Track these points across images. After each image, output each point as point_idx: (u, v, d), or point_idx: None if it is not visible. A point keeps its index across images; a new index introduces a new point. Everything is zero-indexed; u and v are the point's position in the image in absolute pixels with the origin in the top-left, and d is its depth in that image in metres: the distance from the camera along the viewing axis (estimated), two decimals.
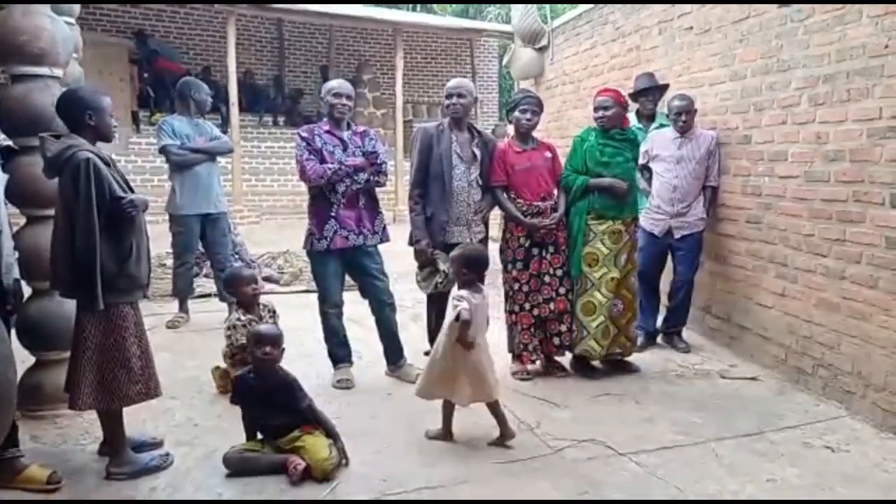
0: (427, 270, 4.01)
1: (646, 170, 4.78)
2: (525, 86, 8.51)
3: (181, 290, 5.45)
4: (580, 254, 4.13)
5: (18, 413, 2.98)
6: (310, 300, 4.52)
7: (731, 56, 4.59)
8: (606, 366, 4.33)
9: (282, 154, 12.60)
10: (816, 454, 3.20)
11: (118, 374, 2.84)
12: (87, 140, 2.83)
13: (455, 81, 4.13)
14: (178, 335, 5.08)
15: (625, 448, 3.21)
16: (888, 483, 2.94)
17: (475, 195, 4.08)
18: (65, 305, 3.18)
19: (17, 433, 2.90)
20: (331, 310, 4.08)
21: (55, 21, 3.45)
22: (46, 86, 3.40)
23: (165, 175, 5.66)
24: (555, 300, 4.15)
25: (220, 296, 5.49)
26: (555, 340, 4.20)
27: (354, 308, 4.44)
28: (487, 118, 16.39)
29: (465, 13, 18.07)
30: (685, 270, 4.68)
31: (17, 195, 3.42)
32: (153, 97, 12.61)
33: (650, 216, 4.69)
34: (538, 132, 4.31)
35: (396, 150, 12.21)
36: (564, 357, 4.32)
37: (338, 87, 4.02)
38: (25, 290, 3.24)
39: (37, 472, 2.81)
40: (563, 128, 7.21)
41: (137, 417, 3.25)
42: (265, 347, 3.00)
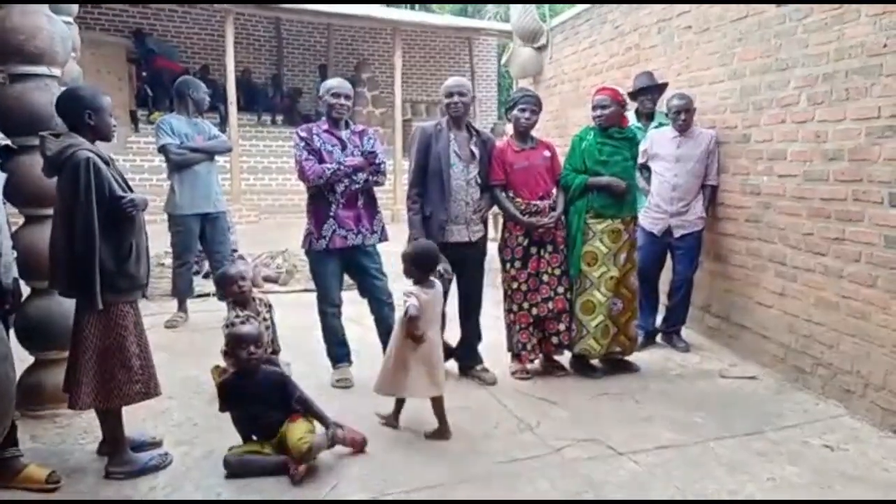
0: None
1: (645, 169, 4.78)
2: (523, 84, 8.51)
3: (180, 290, 5.45)
4: (579, 253, 4.13)
5: (18, 412, 2.98)
6: (309, 300, 4.52)
7: (730, 55, 4.59)
8: (606, 365, 4.33)
9: (280, 153, 12.59)
10: (816, 453, 3.20)
11: (118, 374, 2.84)
12: (87, 139, 2.83)
13: (454, 80, 4.12)
14: (177, 335, 5.08)
15: (624, 447, 3.22)
16: (887, 482, 2.94)
17: (474, 194, 4.07)
18: (64, 305, 3.18)
19: (17, 433, 2.90)
20: (329, 309, 4.08)
21: (53, 20, 3.44)
22: (45, 85, 3.40)
23: (164, 174, 5.66)
24: (553, 299, 4.14)
25: (219, 295, 5.49)
26: (553, 340, 4.20)
27: (353, 307, 4.43)
28: (486, 117, 16.38)
29: (464, 12, 18.07)
30: (684, 269, 4.69)
31: (16, 194, 3.43)
32: (151, 96, 12.61)
33: (649, 215, 4.70)
34: (537, 131, 4.30)
35: (395, 149, 12.20)
36: (564, 356, 4.32)
37: (336, 87, 4.01)
38: (24, 290, 3.24)
39: (36, 472, 2.82)
40: (562, 127, 7.20)
41: (137, 417, 3.25)
42: (249, 348, 3.00)
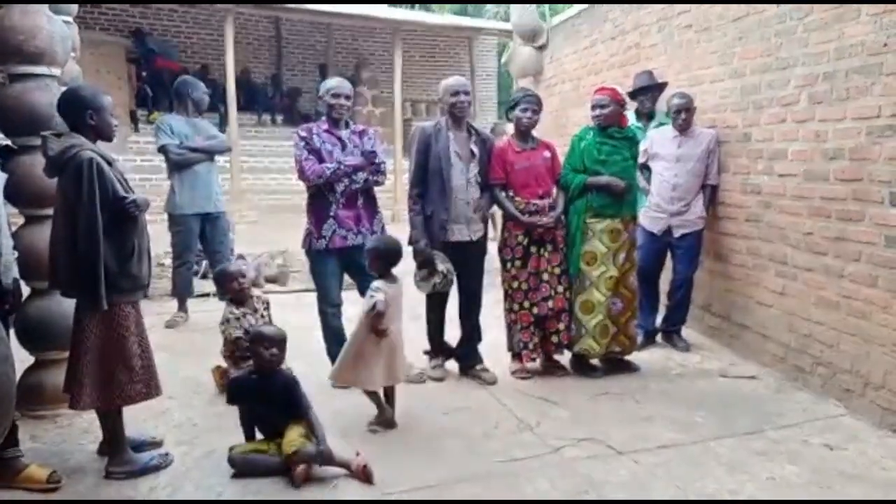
0: (426, 270, 4.01)
1: (645, 168, 4.78)
2: (523, 84, 8.51)
3: (180, 290, 5.45)
4: (579, 252, 4.13)
5: (18, 413, 2.98)
6: (309, 300, 4.52)
7: (731, 54, 4.59)
8: (606, 364, 4.33)
9: (280, 152, 12.57)
10: (815, 452, 3.20)
11: (119, 374, 2.84)
12: (88, 139, 2.83)
13: (456, 80, 4.11)
14: (178, 335, 5.09)
15: (624, 447, 3.22)
16: (887, 481, 2.94)
17: (474, 193, 4.07)
18: (64, 305, 3.17)
19: (17, 433, 2.91)
20: (330, 309, 4.09)
21: (53, 20, 3.44)
22: (45, 85, 3.40)
23: (164, 174, 5.66)
24: (553, 298, 4.14)
25: (219, 295, 5.49)
26: (553, 339, 4.20)
27: (354, 308, 4.42)
28: (486, 116, 16.37)
29: (464, 11, 18.05)
30: (684, 269, 4.69)
31: (16, 195, 3.43)
32: (151, 96, 12.60)
33: (649, 215, 4.69)
34: (537, 131, 4.30)
35: (395, 149, 12.19)
36: (563, 356, 4.32)
37: (337, 87, 4.01)
38: (24, 290, 3.24)
39: (36, 472, 2.82)
40: (562, 126, 7.20)
41: (137, 417, 3.25)
42: (273, 349, 3.03)
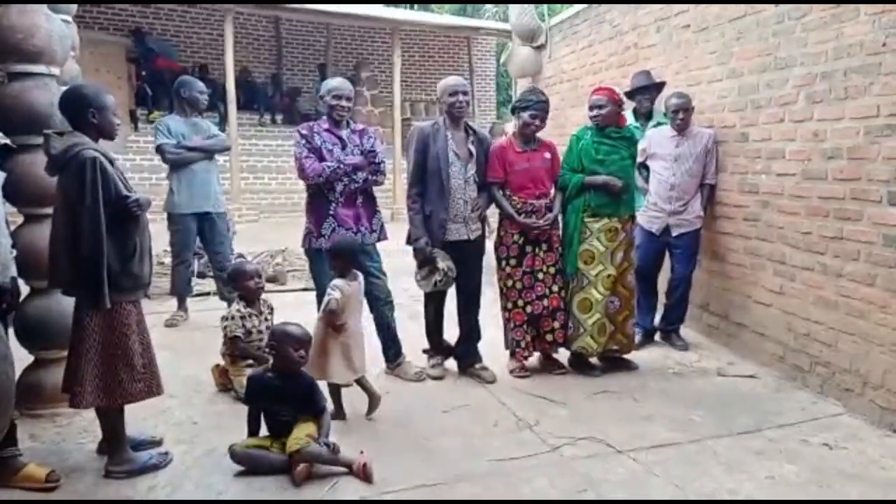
0: (426, 269, 4.02)
1: (643, 168, 4.78)
2: (524, 83, 8.51)
3: (179, 289, 5.45)
4: (576, 251, 4.14)
5: (17, 412, 2.97)
6: (309, 299, 4.52)
7: (729, 54, 4.59)
8: (605, 363, 4.33)
9: (280, 152, 12.59)
10: (814, 451, 3.20)
11: (120, 372, 2.83)
12: (90, 137, 2.82)
13: (455, 80, 4.13)
14: (178, 333, 5.08)
15: (623, 445, 3.22)
16: (886, 480, 2.94)
17: (471, 192, 4.09)
18: (63, 304, 3.17)
19: (16, 432, 2.90)
20: None
21: (51, 19, 3.44)
22: (43, 84, 3.40)
23: (163, 173, 5.67)
24: (548, 297, 4.16)
25: (220, 294, 5.49)
26: (548, 337, 4.22)
27: None
28: (485, 116, 16.38)
29: (463, 11, 18.06)
30: (683, 268, 4.69)
31: (15, 193, 3.42)
32: (151, 95, 12.59)
33: (648, 214, 4.70)
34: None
35: (394, 149, 12.20)
36: (563, 355, 4.33)
37: (338, 89, 4.01)
38: (23, 289, 3.23)
39: (35, 471, 2.82)
40: (561, 126, 7.19)
41: (137, 416, 3.24)
42: (301, 350, 3.06)
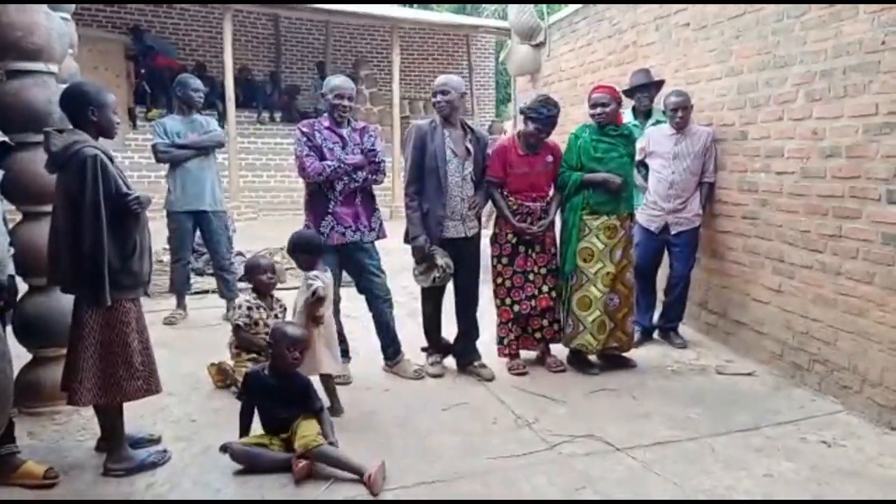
0: (424, 265, 4.02)
1: (643, 166, 4.78)
2: (523, 81, 8.50)
3: (178, 287, 5.45)
4: (575, 249, 4.14)
5: (15, 409, 2.97)
6: None
7: (728, 52, 4.59)
8: (603, 361, 4.34)
9: (279, 150, 12.57)
10: (812, 449, 3.21)
11: (119, 370, 2.83)
12: (90, 135, 2.82)
13: (440, 79, 4.15)
14: (176, 331, 5.08)
15: (621, 443, 3.22)
16: (884, 478, 2.95)
17: (469, 190, 4.10)
18: (62, 301, 3.17)
19: (14, 430, 2.90)
20: None
21: (50, 16, 3.43)
22: (42, 81, 3.40)
23: (162, 171, 5.67)
24: (537, 297, 4.19)
25: (220, 292, 5.49)
26: (536, 335, 4.28)
27: (352, 304, 4.44)
28: (484, 114, 16.36)
29: (462, 10, 18.04)
30: (681, 266, 4.69)
31: (14, 191, 3.42)
32: (150, 93, 12.57)
33: (646, 212, 4.70)
34: None
35: (393, 147, 12.19)
36: (562, 354, 4.33)
37: (340, 88, 4.00)
38: (21, 287, 3.23)
39: (33, 468, 2.81)
40: (560, 124, 7.13)
41: (135, 413, 3.24)
42: (296, 353, 3.07)
